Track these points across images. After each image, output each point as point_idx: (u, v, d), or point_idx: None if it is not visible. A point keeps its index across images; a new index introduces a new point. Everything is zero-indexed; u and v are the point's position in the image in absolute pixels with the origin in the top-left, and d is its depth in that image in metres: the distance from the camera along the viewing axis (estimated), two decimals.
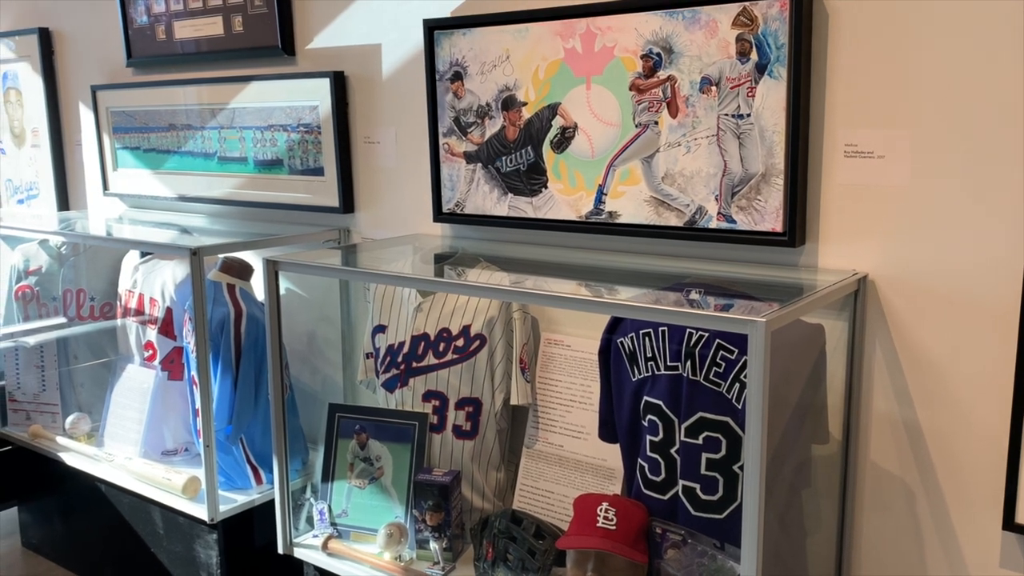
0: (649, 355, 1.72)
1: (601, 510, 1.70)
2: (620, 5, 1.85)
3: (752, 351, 1.30)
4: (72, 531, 2.98)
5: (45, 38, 3.27)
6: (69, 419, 2.91)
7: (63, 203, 3.39)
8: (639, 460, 1.78)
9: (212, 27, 2.69)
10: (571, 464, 2.05)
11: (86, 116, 3.23)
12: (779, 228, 1.73)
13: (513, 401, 2.10)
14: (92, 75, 3.17)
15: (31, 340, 3.05)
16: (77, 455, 2.76)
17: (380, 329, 2.25)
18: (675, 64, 1.80)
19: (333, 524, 2.15)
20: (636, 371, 1.76)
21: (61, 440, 2.85)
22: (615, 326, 1.82)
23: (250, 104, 2.64)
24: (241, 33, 2.62)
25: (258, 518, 2.42)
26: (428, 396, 2.14)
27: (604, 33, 1.89)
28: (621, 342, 1.78)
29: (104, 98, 3.07)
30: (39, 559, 3.13)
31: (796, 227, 1.71)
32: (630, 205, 1.92)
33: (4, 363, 3.08)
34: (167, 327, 2.64)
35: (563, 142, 2.00)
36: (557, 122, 2.00)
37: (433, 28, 2.16)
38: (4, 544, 3.26)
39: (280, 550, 2.14)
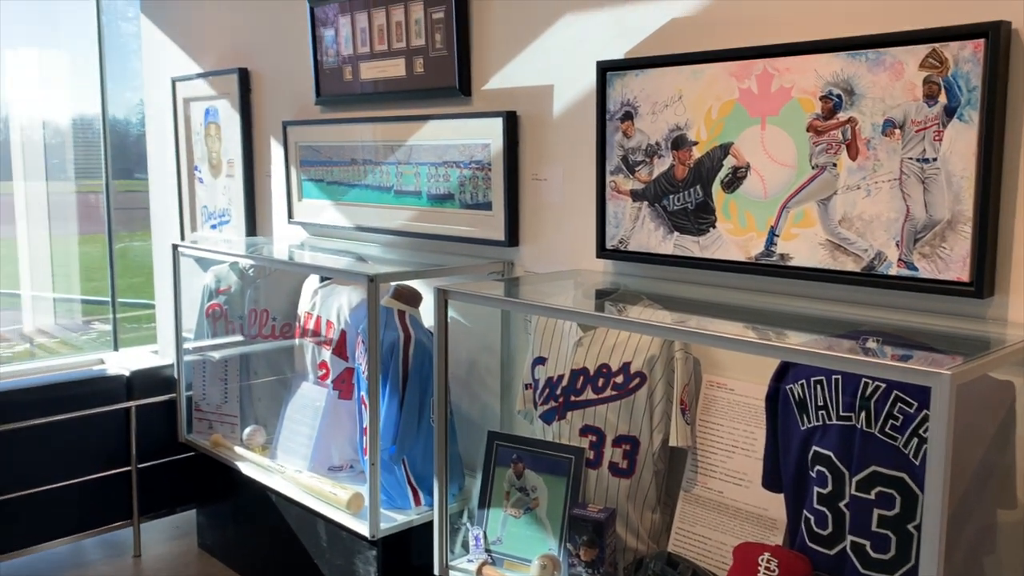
0: (820, 404, 1.67)
1: (763, 560, 1.65)
2: (800, 47, 1.83)
3: (935, 405, 1.24)
4: (242, 536, 3.17)
5: (244, 77, 3.56)
6: (247, 431, 3.12)
7: (251, 229, 3.66)
8: (805, 512, 1.72)
9: (395, 68, 2.85)
10: (731, 511, 2.01)
11: (276, 150, 3.49)
12: (965, 277, 1.64)
13: (672, 442, 2.08)
14: (284, 112, 3.42)
15: (217, 355, 3.30)
16: (252, 465, 2.95)
17: (540, 361, 2.29)
18: (856, 106, 1.76)
19: (488, 550, 2.19)
20: (806, 420, 1.71)
21: (238, 450, 3.05)
22: (784, 372, 1.78)
23: (426, 142, 2.77)
24: (421, 74, 2.77)
25: (416, 538, 2.49)
26: (585, 431, 2.16)
27: (782, 74, 1.87)
28: (790, 389, 1.74)
29: (294, 133, 3.31)
30: (212, 560, 3.35)
31: (985, 277, 1.62)
32: (804, 247, 1.87)
33: (193, 375, 3.35)
34: (340, 348, 2.79)
35: (734, 182, 1.99)
36: (729, 162, 1.99)
37: (606, 69, 2.20)
38: (182, 543, 3.52)
39: (436, 572, 2.20)
